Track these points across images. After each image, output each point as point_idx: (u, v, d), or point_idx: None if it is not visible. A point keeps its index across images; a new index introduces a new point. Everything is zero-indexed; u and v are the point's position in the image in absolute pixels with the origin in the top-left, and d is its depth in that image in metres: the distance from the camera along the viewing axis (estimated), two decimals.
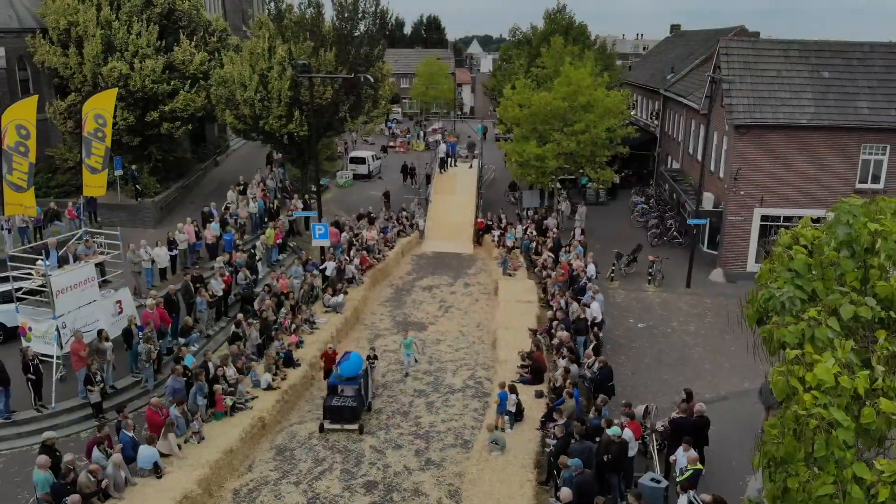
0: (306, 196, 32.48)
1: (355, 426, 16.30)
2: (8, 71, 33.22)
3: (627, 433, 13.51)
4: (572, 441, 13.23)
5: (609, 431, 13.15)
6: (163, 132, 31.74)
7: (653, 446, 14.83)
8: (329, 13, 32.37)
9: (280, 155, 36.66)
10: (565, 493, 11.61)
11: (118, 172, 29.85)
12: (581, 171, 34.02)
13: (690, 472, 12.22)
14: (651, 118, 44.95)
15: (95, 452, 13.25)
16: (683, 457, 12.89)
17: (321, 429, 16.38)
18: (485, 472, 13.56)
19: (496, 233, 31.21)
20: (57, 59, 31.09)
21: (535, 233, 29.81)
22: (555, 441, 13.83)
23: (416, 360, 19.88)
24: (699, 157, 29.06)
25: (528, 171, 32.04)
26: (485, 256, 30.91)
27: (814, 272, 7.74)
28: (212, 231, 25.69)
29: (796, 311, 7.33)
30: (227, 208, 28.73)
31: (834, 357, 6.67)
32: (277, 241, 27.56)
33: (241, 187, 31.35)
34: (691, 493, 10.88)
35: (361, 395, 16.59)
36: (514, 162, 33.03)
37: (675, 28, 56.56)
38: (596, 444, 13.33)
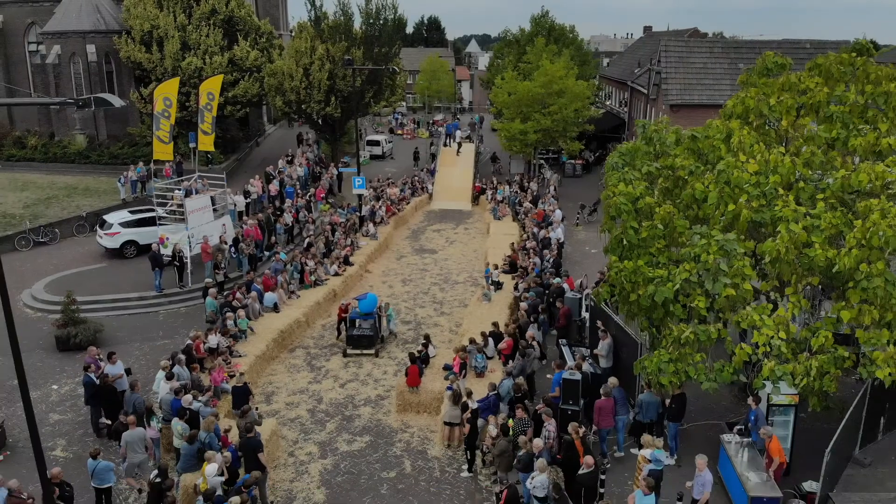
0: (339, 166, 40.87)
1: (372, 351, 20.00)
2: (98, 64, 41.68)
3: (565, 285, 21.86)
4: (531, 287, 21.58)
5: (555, 281, 21.51)
6: (226, 114, 40.09)
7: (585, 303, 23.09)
8: (357, 20, 40.68)
9: (311, 135, 45.01)
10: (523, 306, 19.95)
11: (192, 145, 38.06)
12: (561, 150, 42.39)
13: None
14: (621, 106, 53.34)
15: (238, 293, 21.55)
16: None
17: (344, 353, 19.97)
18: (478, 309, 21.90)
19: (489, 193, 39.54)
20: (141, 55, 39.40)
21: (519, 190, 38.16)
22: (520, 291, 22.17)
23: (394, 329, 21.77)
24: None
25: (514, 143, 40.51)
26: (480, 211, 39.18)
27: (635, 154, 16.15)
28: (274, 186, 34.01)
29: (620, 168, 15.70)
30: (280, 171, 37.04)
31: (633, 186, 15.04)
32: (321, 197, 35.92)
33: (289, 157, 39.71)
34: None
35: (377, 327, 20.27)
36: (503, 136, 41.50)
37: (647, 29, 64.99)
38: (546, 292, 21.68)
